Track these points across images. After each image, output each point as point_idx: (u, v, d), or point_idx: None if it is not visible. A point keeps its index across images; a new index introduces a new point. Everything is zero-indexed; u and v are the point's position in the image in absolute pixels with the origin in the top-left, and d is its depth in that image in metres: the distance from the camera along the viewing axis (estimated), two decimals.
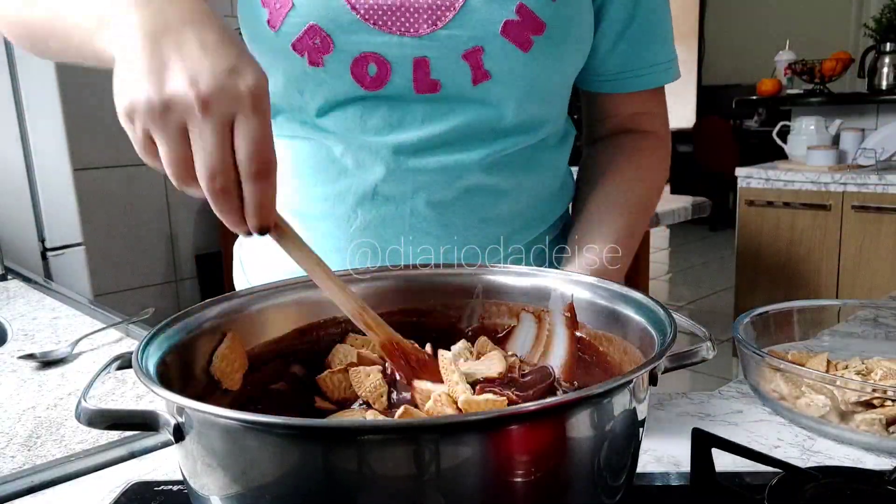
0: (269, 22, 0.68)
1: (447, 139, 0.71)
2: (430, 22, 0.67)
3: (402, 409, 0.46)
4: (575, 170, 0.87)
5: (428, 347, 0.55)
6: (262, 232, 0.46)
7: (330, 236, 0.75)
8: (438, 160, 0.72)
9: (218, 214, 0.46)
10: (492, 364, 0.52)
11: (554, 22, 0.69)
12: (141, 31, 0.45)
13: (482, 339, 0.57)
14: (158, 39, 0.45)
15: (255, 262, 0.84)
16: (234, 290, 0.61)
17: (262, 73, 0.45)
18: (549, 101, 0.76)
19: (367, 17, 0.67)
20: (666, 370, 0.43)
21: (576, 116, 0.86)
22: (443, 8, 0.67)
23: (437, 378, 0.50)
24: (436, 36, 0.67)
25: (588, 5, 0.73)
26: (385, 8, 0.67)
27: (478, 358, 0.54)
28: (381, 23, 0.67)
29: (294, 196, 0.77)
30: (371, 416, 0.49)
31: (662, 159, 0.84)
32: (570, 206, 0.85)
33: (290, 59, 0.68)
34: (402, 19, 0.67)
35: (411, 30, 0.67)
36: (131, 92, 0.44)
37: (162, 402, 0.39)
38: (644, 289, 0.52)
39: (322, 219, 0.75)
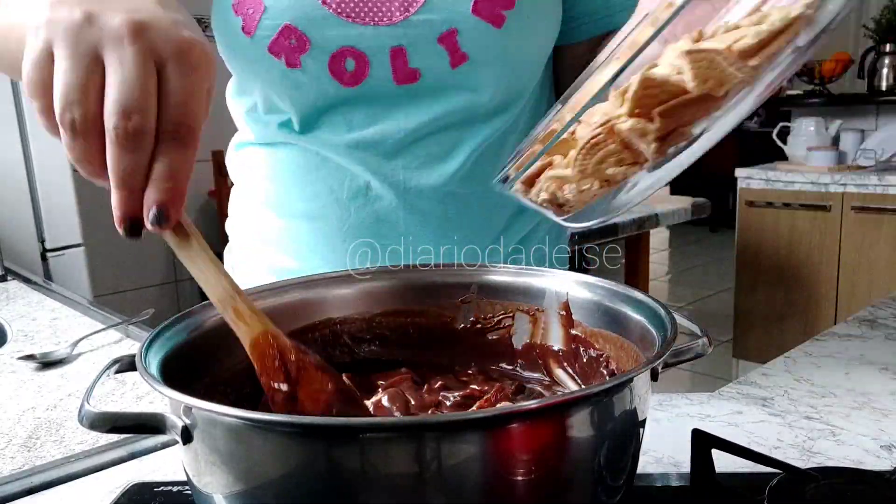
0: (243, 29, 0.68)
1: (433, 129, 0.71)
2: (402, 9, 0.67)
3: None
4: None
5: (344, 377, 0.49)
6: (160, 217, 0.37)
7: (325, 236, 0.75)
8: (429, 151, 0.72)
9: (111, 175, 0.37)
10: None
11: None
12: None
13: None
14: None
15: (249, 272, 0.84)
16: None
17: (208, 43, 0.40)
18: (529, 77, 0.76)
19: (339, 10, 0.67)
20: (664, 367, 0.43)
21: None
22: None
23: (315, 397, 0.42)
24: (409, 22, 0.67)
25: None
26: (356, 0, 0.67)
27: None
28: (353, 14, 0.67)
29: (286, 198, 0.77)
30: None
31: None
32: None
33: (268, 63, 0.68)
34: (375, 9, 0.67)
35: (384, 18, 0.67)
36: (56, 5, 0.37)
37: (165, 403, 0.39)
38: (644, 289, 0.52)
39: (316, 218, 0.75)
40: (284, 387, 0.42)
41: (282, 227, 0.79)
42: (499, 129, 0.75)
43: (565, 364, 0.56)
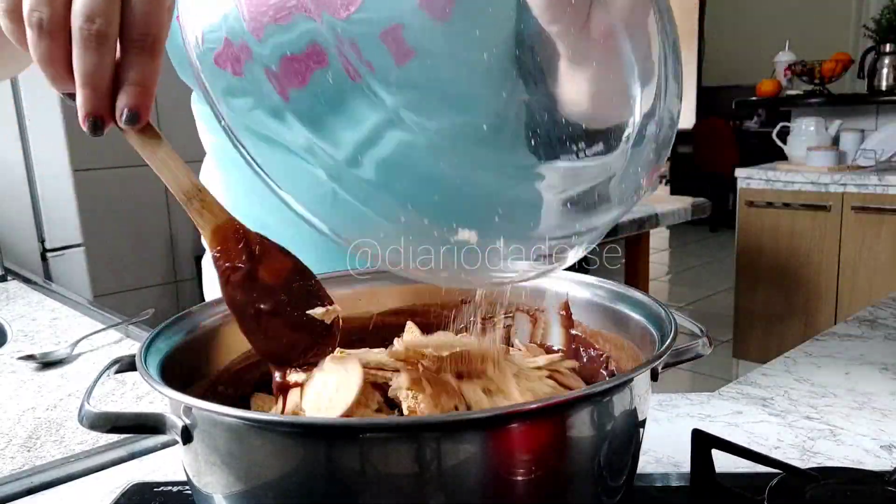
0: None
1: (386, 129, 0.70)
2: (343, 7, 0.65)
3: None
4: None
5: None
6: (133, 117, 0.39)
7: (323, 238, 0.74)
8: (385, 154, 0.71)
9: (76, 73, 0.38)
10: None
11: None
12: None
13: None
14: None
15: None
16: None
17: None
18: (489, 76, 0.73)
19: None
20: (664, 367, 0.43)
21: None
22: None
23: (276, 272, 0.44)
24: (354, 18, 0.65)
25: None
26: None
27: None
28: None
29: (262, 210, 0.77)
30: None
31: None
32: None
33: (266, 90, 0.67)
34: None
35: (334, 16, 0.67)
36: None
37: (165, 403, 0.39)
38: (644, 289, 0.52)
39: (299, 223, 0.74)
40: (244, 265, 0.43)
41: (272, 231, 0.78)
42: (467, 123, 0.73)
43: None
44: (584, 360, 0.54)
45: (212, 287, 0.87)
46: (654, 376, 0.42)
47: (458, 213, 0.73)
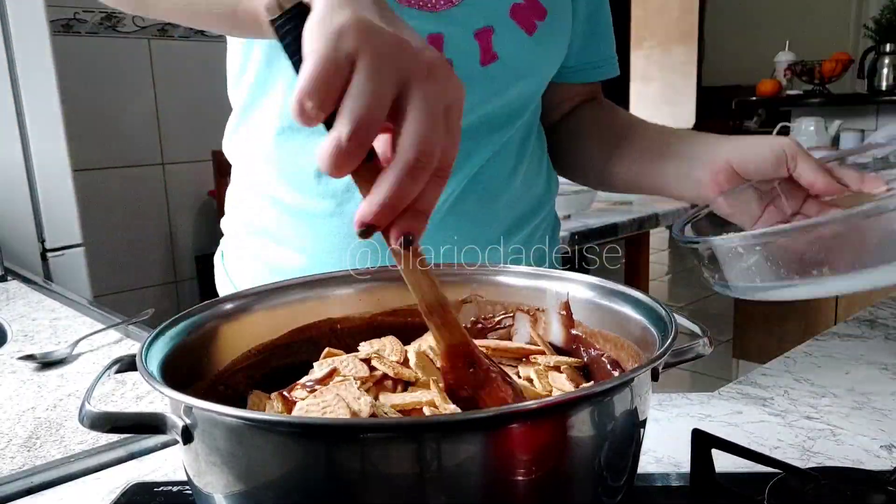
0: None
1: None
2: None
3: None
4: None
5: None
6: (408, 242, 0.39)
7: (330, 235, 0.75)
8: None
9: (385, 193, 0.37)
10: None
11: (553, 10, 0.74)
12: None
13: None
14: (384, 4, 0.41)
15: (243, 270, 0.84)
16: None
17: None
18: (539, 87, 0.80)
19: None
20: (664, 367, 0.43)
21: None
22: None
23: (501, 395, 0.45)
24: (451, 13, 0.70)
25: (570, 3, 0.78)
26: None
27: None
28: None
29: (293, 195, 0.77)
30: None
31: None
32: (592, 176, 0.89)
33: None
34: None
35: (429, 4, 0.69)
36: (363, 11, 0.38)
37: (166, 403, 0.39)
38: (644, 289, 0.52)
39: (322, 217, 0.75)
40: (468, 392, 0.45)
41: (283, 223, 0.79)
42: (503, 141, 0.77)
43: None
44: (585, 360, 0.54)
45: (224, 283, 0.87)
46: (655, 376, 0.42)
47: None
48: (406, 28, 0.40)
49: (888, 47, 3.06)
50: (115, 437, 0.64)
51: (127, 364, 0.45)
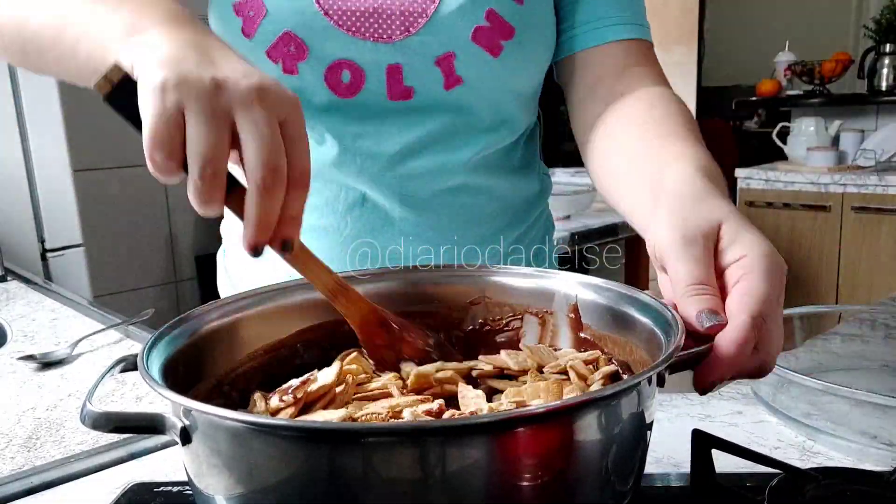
0: (242, 30, 0.68)
1: (426, 143, 0.72)
2: (402, 28, 0.68)
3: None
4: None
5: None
6: (288, 246, 0.44)
7: (324, 246, 0.75)
8: (422, 164, 0.73)
9: (253, 214, 0.41)
10: None
11: (522, 26, 0.70)
12: (183, 40, 0.44)
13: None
14: (206, 47, 0.44)
15: (244, 272, 0.84)
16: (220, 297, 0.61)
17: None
18: (522, 100, 0.77)
19: (340, 23, 0.67)
20: (671, 371, 0.43)
21: (562, 107, 0.82)
22: (415, 14, 0.68)
23: (415, 347, 0.51)
24: (408, 42, 0.68)
25: (550, 3, 0.73)
26: (358, 14, 0.67)
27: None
28: (354, 29, 0.67)
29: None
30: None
31: (678, 100, 0.71)
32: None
33: (265, 67, 0.68)
34: (376, 25, 0.68)
35: (384, 36, 0.68)
36: (179, 66, 0.41)
37: (166, 404, 0.39)
38: (644, 289, 0.52)
39: (313, 229, 0.75)
40: (387, 345, 0.51)
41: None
42: (497, 142, 0.76)
43: None
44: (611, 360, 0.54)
45: (227, 283, 0.87)
46: (661, 382, 0.42)
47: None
48: (231, 62, 0.43)
49: (888, 47, 3.06)
50: (115, 437, 0.64)
51: (130, 364, 0.45)
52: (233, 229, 0.86)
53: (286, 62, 0.68)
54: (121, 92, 0.43)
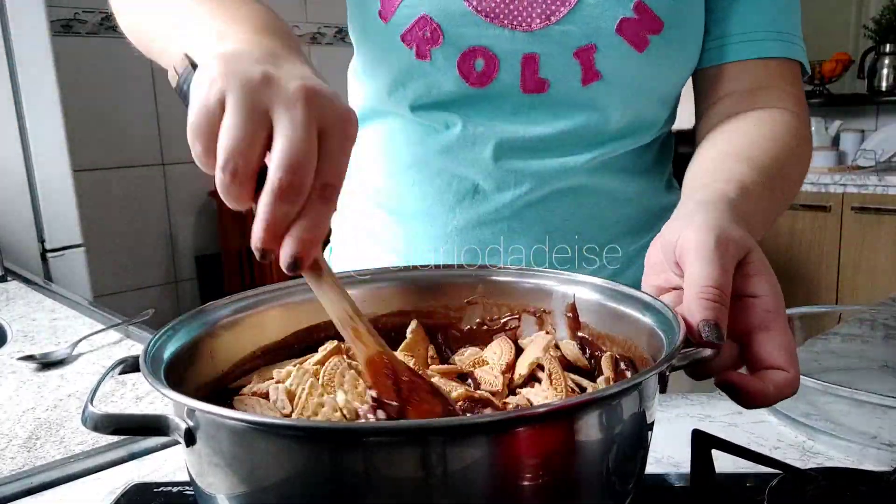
0: (380, 13, 0.67)
1: (551, 143, 0.70)
2: (543, 17, 0.65)
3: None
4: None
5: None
6: (295, 264, 0.39)
7: (426, 236, 0.74)
8: (542, 162, 0.70)
9: (260, 216, 0.38)
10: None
11: (673, 21, 0.66)
12: (255, 42, 0.44)
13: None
14: (275, 50, 0.44)
15: (351, 259, 0.83)
16: (235, 291, 0.61)
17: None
18: (660, 103, 0.73)
19: (478, 9, 0.66)
20: (671, 370, 0.42)
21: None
22: (557, 2, 0.65)
23: (427, 408, 0.44)
24: (548, 31, 0.66)
25: (702, 1, 0.69)
26: (498, 0, 0.66)
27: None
28: (492, 15, 0.66)
29: (390, 195, 0.77)
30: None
31: (797, 132, 0.67)
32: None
33: (398, 51, 0.67)
34: (515, 13, 0.66)
35: (523, 24, 0.66)
36: (235, 61, 0.40)
37: (167, 405, 0.39)
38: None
39: (419, 218, 0.74)
40: (395, 403, 0.44)
41: (389, 224, 0.78)
42: (624, 147, 0.72)
43: None
44: (591, 363, 0.54)
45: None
46: (663, 382, 0.42)
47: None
48: (296, 66, 0.42)
49: (888, 47, 3.06)
50: (115, 437, 0.64)
51: (131, 365, 0.44)
52: (345, 222, 0.85)
53: (420, 47, 0.67)
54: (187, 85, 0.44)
